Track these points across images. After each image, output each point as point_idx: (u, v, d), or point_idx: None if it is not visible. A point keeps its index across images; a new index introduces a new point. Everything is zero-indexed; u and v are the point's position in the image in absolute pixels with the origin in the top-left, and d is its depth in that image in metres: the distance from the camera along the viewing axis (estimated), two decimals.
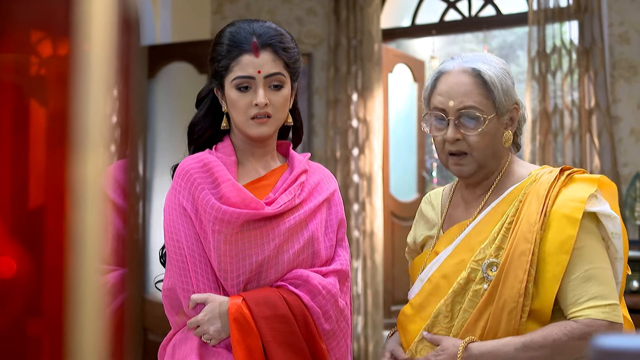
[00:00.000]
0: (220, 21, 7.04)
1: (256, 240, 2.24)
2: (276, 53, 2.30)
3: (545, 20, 5.97)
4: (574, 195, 2.15)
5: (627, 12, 5.87)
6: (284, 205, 2.28)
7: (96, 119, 0.50)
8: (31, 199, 0.54)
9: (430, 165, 7.75)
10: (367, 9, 6.53)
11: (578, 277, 2.10)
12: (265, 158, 2.41)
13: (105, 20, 0.50)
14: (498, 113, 2.22)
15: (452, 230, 2.33)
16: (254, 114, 2.27)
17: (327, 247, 2.36)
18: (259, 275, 2.25)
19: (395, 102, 7.31)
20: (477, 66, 2.24)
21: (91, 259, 0.56)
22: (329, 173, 2.53)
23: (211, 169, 2.29)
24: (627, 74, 5.85)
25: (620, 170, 5.74)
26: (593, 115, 5.75)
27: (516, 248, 2.13)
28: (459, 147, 2.22)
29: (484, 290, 2.14)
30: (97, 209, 0.56)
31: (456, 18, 7.08)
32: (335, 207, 2.43)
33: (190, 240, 2.26)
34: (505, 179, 2.30)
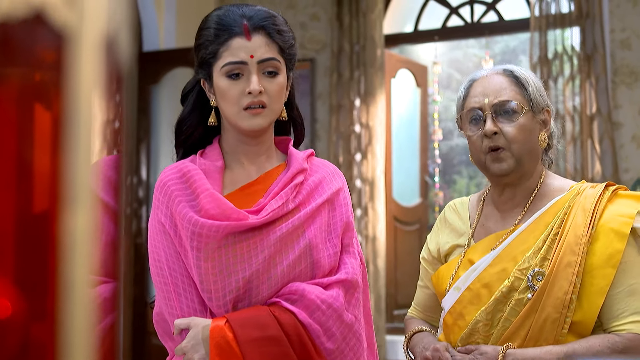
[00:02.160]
0: None
1: (242, 255, 1.99)
2: (270, 36, 2.07)
3: (547, 26, 5.99)
4: (622, 211, 2.18)
5: (629, 18, 5.89)
6: (272, 212, 2.02)
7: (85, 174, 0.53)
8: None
9: (432, 170, 7.77)
10: (370, 14, 6.55)
11: (622, 291, 2.13)
12: (259, 159, 2.16)
13: (93, 74, 0.53)
14: (533, 109, 2.27)
15: (487, 240, 2.34)
16: (247, 103, 2.03)
17: (330, 254, 2.09)
18: (249, 293, 2.00)
19: (398, 107, 7.33)
20: (508, 67, 2.33)
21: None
22: (335, 170, 2.24)
23: (190, 179, 2.06)
24: (629, 80, 5.86)
25: (621, 176, 5.76)
26: (594, 121, 5.77)
27: (562, 259, 2.14)
28: (497, 142, 2.24)
29: (527, 299, 2.15)
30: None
31: (458, 24, 7.11)
32: (340, 209, 2.15)
33: (170, 259, 2.03)
34: (543, 192, 2.32)
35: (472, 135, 2.28)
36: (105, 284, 0.65)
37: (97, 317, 0.55)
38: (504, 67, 2.34)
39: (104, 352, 0.58)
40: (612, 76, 5.88)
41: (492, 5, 7.00)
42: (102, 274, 0.61)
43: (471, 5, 7.08)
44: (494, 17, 6.99)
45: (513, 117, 2.25)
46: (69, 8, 0.52)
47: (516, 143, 2.24)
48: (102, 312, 0.57)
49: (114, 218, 0.60)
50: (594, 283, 2.13)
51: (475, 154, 2.31)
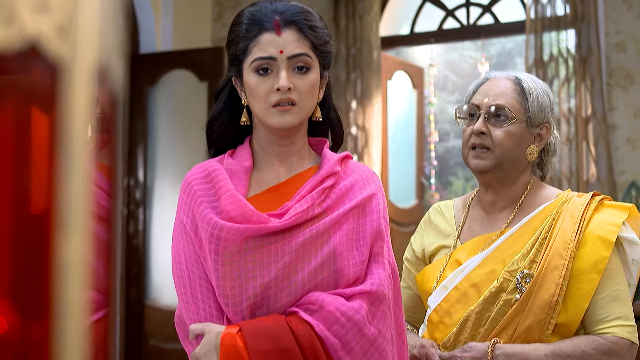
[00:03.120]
0: (221, 28, 7.08)
1: (261, 260, 1.89)
2: (301, 31, 1.98)
3: (543, 29, 6.01)
4: (609, 220, 2.28)
5: (624, 21, 5.91)
6: (295, 216, 1.93)
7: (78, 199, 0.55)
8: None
9: (429, 172, 7.79)
10: (366, 17, 6.57)
11: (607, 297, 2.22)
12: (290, 159, 2.08)
13: (87, 97, 0.55)
14: (528, 121, 2.34)
15: (474, 241, 2.41)
16: (275, 100, 1.95)
17: (357, 263, 1.96)
18: (267, 300, 1.90)
19: (394, 109, 7.34)
20: (520, 76, 2.41)
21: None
22: (370, 174, 2.12)
23: (214, 179, 1.99)
24: (624, 83, 5.88)
25: (616, 178, 5.78)
26: (589, 124, 5.79)
27: (550, 262, 2.23)
28: (483, 141, 2.34)
29: (515, 300, 2.23)
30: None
31: (454, 26, 7.13)
32: (372, 215, 2.03)
33: (190, 261, 1.98)
34: (531, 198, 2.40)
35: (465, 129, 2.41)
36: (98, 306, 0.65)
37: (91, 336, 0.57)
38: (517, 74, 2.42)
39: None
40: (607, 79, 5.90)
41: (487, 8, 7.03)
42: (94, 290, 0.63)
43: (467, 8, 7.10)
44: (490, 19, 7.01)
45: (504, 122, 2.33)
46: (63, 40, 0.55)
47: (500, 148, 2.33)
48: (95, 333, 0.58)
49: (106, 248, 0.62)
50: (580, 287, 2.22)
51: (463, 147, 2.43)
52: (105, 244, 0.65)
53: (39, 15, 0.54)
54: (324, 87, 2.10)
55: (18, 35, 0.53)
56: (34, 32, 0.54)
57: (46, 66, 0.54)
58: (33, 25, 0.53)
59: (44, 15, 0.54)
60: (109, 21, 0.62)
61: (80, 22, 0.56)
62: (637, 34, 5.88)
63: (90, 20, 0.56)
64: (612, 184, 5.69)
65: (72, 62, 0.55)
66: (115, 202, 0.61)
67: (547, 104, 2.38)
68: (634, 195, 5.56)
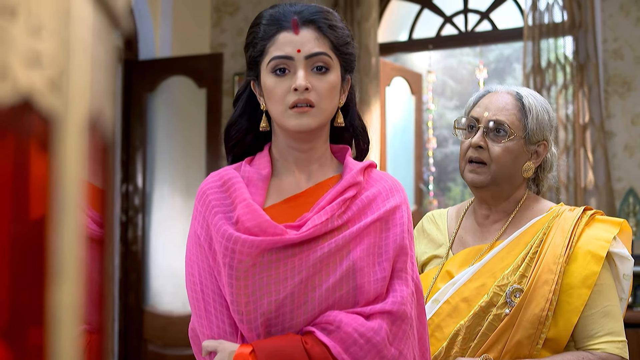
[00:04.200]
0: (219, 35, 7.10)
1: (277, 275, 1.78)
2: (320, 30, 1.87)
3: (540, 36, 6.03)
4: (599, 235, 2.27)
5: (621, 29, 5.93)
6: (314, 228, 1.80)
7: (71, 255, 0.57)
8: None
9: (427, 178, 7.80)
10: (364, 23, 6.58)
11: (597, 313, 2.22)
12: (310, 167, 1.96)
13: (78, 150, 0.56)
14: (526, 138, 2.34)
15: (465, 253, 2.41)
16: (293, 101, 1.83)
17: (378, 279, 1.83)
18: (283, 318, 1.80)
19: (393, 114, 7.36)
20: (521, 92, 2.40)
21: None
22: (394, 185, 1.97)
23: (230, 188, 1.89)
24: (621, 90, 5.90)
25: (614, 185, 5.80)
26: (587, 130, 5.81)
27: (540, 277, 2.22)
28: (480, 155, 2.33)
29: (505, 314, 2.22)
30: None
31: (453, 33, 7.15)
32: (395, 229, 1.89)
33: (203, 274, 1.87)
34: (524, 212, 2.40)
35: (463, 141, 2.39)
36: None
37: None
38: (519, 89, 2.41)
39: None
40: (604, 86, 5.92)
41: (485, 15, 7.04)
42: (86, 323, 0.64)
43: (465, 15, 7.12)
44: (488, 26, 7.03)
45: (502, 138, 2.32)
46: (55, 93, 0.56)
47: (497, 163, 2.32)
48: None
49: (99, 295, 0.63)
50: (569, 302, 2.22)
51: (459, 159, 2.42)
52: (98, 287, 0.66)
53: (32, 70, 0.55)
54: (346, 91, 1.98)
55: (11, 91, 0.54)
56: (27, 87, 0.55)
57: (39, 120, 0.56)
58: (26, 80, 0.55)
59: (36, 70, 0.55)
60: (101, 68, 0.64)
61: (72, 75, 0.57)
62: (635, 41, 5.90)
63: (82, 73, 0.58)
64: (610, 190, 5.70)
65: (64, 115, 0.57)
66: (110, 249, 0.63)
67: (546, 121, 2.37)
68: (632, 202, 5.58)
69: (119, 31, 0.67)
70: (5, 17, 0.54)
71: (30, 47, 0.55)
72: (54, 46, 0.56)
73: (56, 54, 0.56)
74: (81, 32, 0.58)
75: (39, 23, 0.56)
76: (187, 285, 1.91)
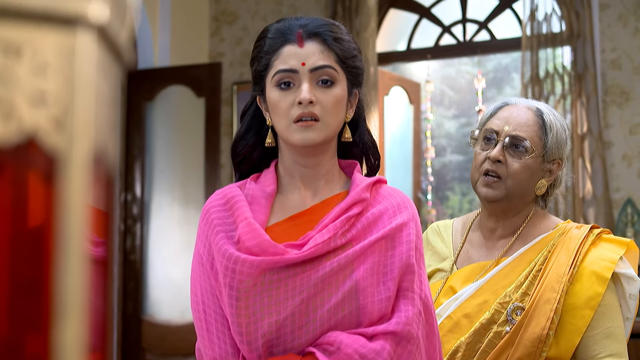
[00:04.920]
0: (218, 43, 7.11)
1: (277, 295, 1.75)
2: (326, 43, 1.84)
3: (539, 46, 6.04)
4: (605, 255, 2.25)
5: (619, 39, 5.95)
6: (315, 248, 1.76)
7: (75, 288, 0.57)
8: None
9: (425, 187, 7.80)
10: (363, 33, 6.59)
11: (600, 333, 2.20)
12: (316, 183, 1.92)
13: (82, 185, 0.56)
14: (544, 157, 2.31)
15: (469, 269, 2.39)
16: (297, 115, 1.80)
17: (382, 299, 1.78)
18: (284, 338, 1.75)
19: (391, 124, 7.36)
20: (541, 108, 2.37)
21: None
22: (402, 201, 1.92)
23: (233, 206, 1.86)
24: (619, 100, 5.91)
25: (612, 195, 5.80)
26: (585, 140, 5.81)
27: (542, 295, 2.21)
28: (497, 169, 2.30)
29: (505, 332, 2.21)
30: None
31: (451, 42, 7.16)
32: (401, 247, 1.84)
33: (206, 294, 1.84)
34: (530, 228, 2.38)
35: (479, 152, 2.35)
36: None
37: None
38: (539, 105, 2.38)
39: None
40: (602, 96, 5.94)
41: (484, 25, 7.06)
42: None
43: (463, 24, 7.13)
44: (486, 36, 7.04)
45: (522, 154, 2.29)
46: (59, 132, 0.56)
47: (513, 179, 2.30)
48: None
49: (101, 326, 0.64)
50: (572, 322, 2.20)
51: (473, 171, 2.37)
52: (100, 310, 0.67)
53: (37, 109, 0.56)
54: (354, 106, 1.94)
55: (17, 130, 0.54)
56: (32, 126, 0.55)
57: (44, 158, 0.56)
58: (31, 119, 0.55)
59: (41, 109, 0.56)
60: (105, 103, 0.64)
61: (77, 114, 0.57)
62: (633, 51, 5.91)
63: (87, 111, 0.58)
64: (608, 200, 5.71)
65: (68, 152, 0.57)
66: (110, 289, 0.63)
67: (564, 140, 2.35)
68: (630, 212, 5.59)
69: (122, 64, 0.67)
70: (11, 57, 0.55)
71: (35, 86, 0.56)
72: (58, 85, 0.57)
73: (61, 92, 0.57)
74: (86, 69, 0.58)
75: (44, 62, 0.56)
76: (191, 305, 1.89)
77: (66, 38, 0.57)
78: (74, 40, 0.57)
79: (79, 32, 0.57)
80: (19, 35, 0.56)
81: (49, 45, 0.57)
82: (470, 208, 8.19)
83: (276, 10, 6.96)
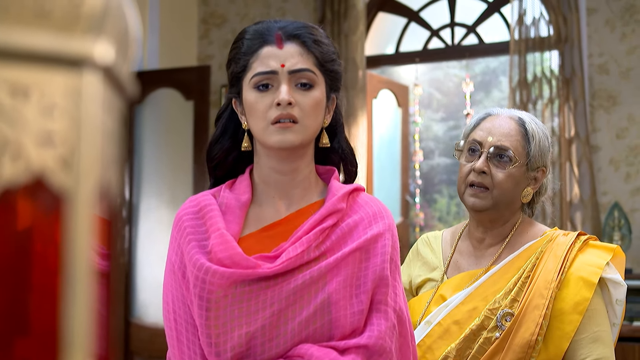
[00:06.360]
0: (207, 47, 7.11)
1: (248, 307, 1.71)
2: (305, 45, 1.81)
3: (527, 50, 6.06)
4: (592, 261, 2.28)
5: (607, 44, 5.98)
6: (288, 261, 1.73)
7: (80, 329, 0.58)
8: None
9: (413, 190, 7.83)
10: (351, 36, 6.60)
11: (587, 337, 2.22)
12: (292, 192, 1.87)
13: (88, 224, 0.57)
14: (528, 165, 2.34)
15: (459, 277, 2.41)
16: (275, 116, 1.76)
17: (354, 313, 1.74)
18: (254, 351, 1.71)
19: (379, 127, 7.38)
20: (523, 117, 2.39)
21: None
22: (378, 211, 1.88)
23: (205, 215, 1.81)
24: (607, 104, 5.94)
25: (599, 199, 5.83)
26: (573, 144, 5.84)
27: (531, 302, 2.23)
28: (483, 180, 2.32)
29: (495, 338, 2.23)
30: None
31: (439, 46, 7.18)
32: (375, 259, 1.80)
33: (177, 304, 1.79)
34: (518, 236, 2.40)
35: (464, 164, 2.38)
36: None
37: None
38: (520, 114, 2.41)
39: None
40: (590, 100, 5.96)
41: (472, 28, 7.08)
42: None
43: (452, 28, 7.15)
44: (474, 39, 7.07)
45: (506, 164, 2.32)
46: (66, 171, 0.57)
47: (499, 189, 2.32)
48: None
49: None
50: (560, 327, 2.23)
51: (460, 182, 2.40)
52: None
53: (44, 149, 0.57)
54: (331, 111, 1.91)
55: (24, 170, 0.55)
56: (40, 166, 0.56)
57: (51, 198, 0.57)
58: (38, 160, 0.56)
59: (48, 149, 0.57)
60: (109, 138, 0.65)
61: (83, 153, 0.58)
62: (620, 56, 5.94)
63: (92, 150, 0.59)
64: (595, 204, 5.74)
65: (75, 191, 0.58)
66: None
67: (546, 147, 2.38)
68: (617, 216, 5.61)
69: (124, 97, 0.69)
70: (19, 98, 0.56)
71: (43, 127, 0.57)
72: (65, 125, 0.58)
73: (68, 133, 0.58)
74: (92, 109, 0.59)
75: (51, 103, 0.57)
76: (163, 314, 1.85)
77: (73, 79, 0.58)
78: (80, 81, 0.58)
79: (85, 73, 0.58)
80: (27, 76, 0.57)
81: (56, 86, 0.58)
82: (458, 211, 8.23)
83: (265, 13, 6.97)
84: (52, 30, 0.57)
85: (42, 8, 0.57)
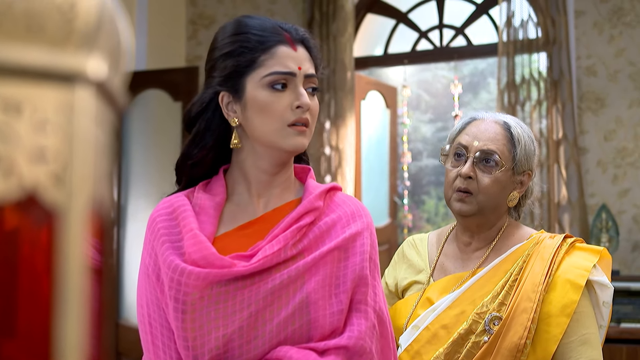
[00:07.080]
0: (195, 47, 7.10)
1: (225, 308, 1.67)
2: (309, 51, 1.82)
3: (515, 52, 6.08)
4: (579, 263, 2.28)
5: (594, 46, 6.00)
6: (264, 259, 1.69)
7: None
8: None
9: (401, 191, 7.83)
10: (340, 38, 6.60)
11: (575, 340, 2.22)
12: (270, 191, 1.85)
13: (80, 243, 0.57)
14: (514, 169, 2.34)
15: (446, 280, 2.41)
16: (293, 119, 1.74)
17: (334, 313, 1.72)
18: (232, 353, 1.67)
19: (368, 128, 7.39)
20: (508, 121, 2.38)
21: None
22: (357, 210, 1.87)
23: (179, 216, 1.77)
24: (594, 106, 5.96)
25: (587, 200, 5.85)
26: (561, 146, 5.85)
27: (519, 305, 2.23)
28: (468, 186, 2.32)
29: (483, 342, 2.23)
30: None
31: (428, 47, 7.19)
32: (354, 258, 1.78)
33: (152, 307, 1.75)
34: (505, 239, 2.40)
35: (450, 169, 2.37)
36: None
37: None
38: (506, 119, 2.40)
39: None
40: (578, 102, 5.98)
41: (460, 30, 7.09)
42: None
43: (440, 30, 7.16)
44: (463, 41, 7.08)
45: (492, 169, 2.31)
46: (59, 188, 0.57)
47: (485, 194, 2.32)
48: None
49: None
50: (548, 330, 2.23)
51: (446, 188, 2.39)
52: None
53: (37, 165, 0.56)
54: None
55: (17, 186, 0.55)
56: (32, 182, 0.56)
57: (43, 214, 0.57)
58: (31, 176, 0.56)
59: (41, 165, 0.57)
60: (101, 154, 0.65)
61: (75, 169, 0.58)
62: (608, 58, 5.96)
63: (85, 166, 0.59)
64: (583, 206, 5.76)
65: (67, 207, 0.58)
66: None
67: (532, 151, 2.38)
68: (604, 218, 5.63)
69: (115, 110, 0.68)
70: (11, 114, 0.56)
71: (35, 143, 0.57)
72: (58, 141, 0.57)
73: (60, 148, 0.57)
74: (84, 125, 0.59)
75: (43, 118, 0.57)
76: (137, 318, 1.81)
77: (65, 94, 0.58)
78: (73, 97, 0.58)
79: (78, 88, 0.58)
80: (19, 92, 0.56)
81: (48, 102, 0.57)
82: (447, 212, 8.24)
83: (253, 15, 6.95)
84: (44, 46, 0.57)
85: (35, 23, 0.57)
